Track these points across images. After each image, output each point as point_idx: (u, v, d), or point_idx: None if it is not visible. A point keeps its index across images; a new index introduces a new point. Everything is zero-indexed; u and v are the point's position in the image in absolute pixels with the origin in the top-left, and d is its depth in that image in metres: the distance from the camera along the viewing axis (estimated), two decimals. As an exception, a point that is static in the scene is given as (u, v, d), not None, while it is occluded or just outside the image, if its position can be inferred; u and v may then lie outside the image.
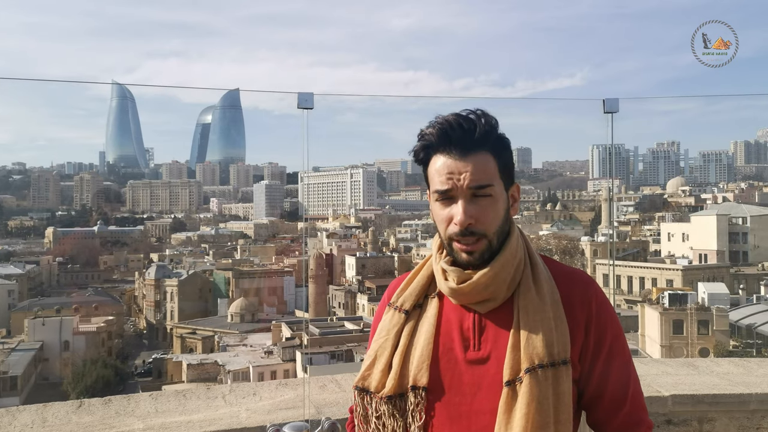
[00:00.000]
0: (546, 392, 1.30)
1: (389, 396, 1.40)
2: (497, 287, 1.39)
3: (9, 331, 64.60)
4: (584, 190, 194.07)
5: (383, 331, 1.50)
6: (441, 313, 1.45)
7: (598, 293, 1.43)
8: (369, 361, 1.47)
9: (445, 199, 1.38)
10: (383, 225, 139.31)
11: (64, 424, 2.79)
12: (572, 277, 1.45)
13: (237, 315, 63.59)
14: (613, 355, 1.40)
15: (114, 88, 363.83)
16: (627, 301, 57.21)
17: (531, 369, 1.30)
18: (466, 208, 1.35)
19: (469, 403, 1.35)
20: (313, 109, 2.52)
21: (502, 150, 1.41)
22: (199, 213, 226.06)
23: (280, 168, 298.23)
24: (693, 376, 3.46)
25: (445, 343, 1.41)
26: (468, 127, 1.37)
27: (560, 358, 1.32)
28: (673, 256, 63.01)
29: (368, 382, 1.45)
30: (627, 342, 1.46)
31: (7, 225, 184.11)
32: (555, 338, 1.34)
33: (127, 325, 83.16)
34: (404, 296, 1.51)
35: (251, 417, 2.87)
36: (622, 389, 1.40)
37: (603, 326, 1.40)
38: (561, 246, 78.12)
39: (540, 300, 1.37)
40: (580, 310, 1.39)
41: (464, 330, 1.41)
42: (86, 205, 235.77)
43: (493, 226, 1.37)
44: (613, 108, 2.78)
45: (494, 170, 1.38)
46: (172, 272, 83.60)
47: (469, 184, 1.35)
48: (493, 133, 1.40)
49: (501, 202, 1.39)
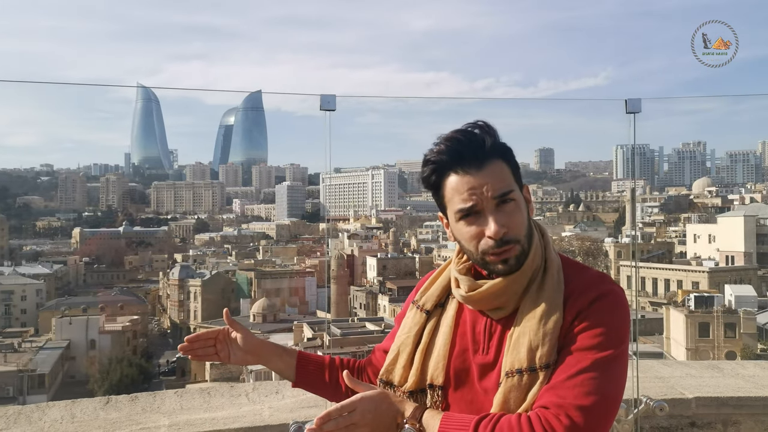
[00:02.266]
0: (518, 395, 1.30)
1: (411, 391, 1.47)
2: (508, 297, 1.40)
3: (37, 329, 65.80)
4: (608, 190, 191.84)
5: (405, 328, 1.57)
6: (459, 315, 1.50)
7: (600, 293, 1.36)
8: (392, 356, 1.55)
9: (470, 216, 1.37)
10: (404, 226, 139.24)
11: (92, 420, 2.85)
12: (586, 277, 1.41)
13: (259, 315, 64.05)
14: (583, 347, 1.29)
15: (139, 90, 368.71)
16: (652, 303, 56.46)
17: (510, 374, 1.32)
18: (497, 218, 1.34)
19: (481, 402, 1.39)
20: (335, 110, 2.55)
21: (510, 155, 1.42)
22: (222, 214, 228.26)
23: (302, 169, 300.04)
24: (717, 379, 3.42)
25: (461, 345, 1.46)
26: (477, 140, 1.37)
27: (542, 362, 1.31)
28: (699, 258, 62.02)
29: (392, 376, 1.52)
30: (611, 351, 1.30)
31: (36, 226, 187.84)
32: (540, 344, 1.32)
33: (152, 324, 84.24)
34: (426, 296, 1.57)
35: (274, 415, 2.91)
36: (563, 375, 1.28)
37: (593, 318, 1.32)
38: (584, 247, 77.38)
39: (536, 306, 1.37)
40: (579, 303, 1.35)
41: (476, 333, 1.44)
42: (112, 206, 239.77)
43: (522, 230, 1.38)
44: (636, 108, 2.76)
45: (510, 176, 1.39)
46: (195, 272, 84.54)
47: (493, 195, 1.35)
48: (499, 141, 1.40)
49: (522, 206, 1.40)
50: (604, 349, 1.28)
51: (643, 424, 2.99)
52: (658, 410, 2.68)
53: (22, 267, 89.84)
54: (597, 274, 1.43)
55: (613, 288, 1.38)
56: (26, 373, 45.69)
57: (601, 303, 1.34)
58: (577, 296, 1.36)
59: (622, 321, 1.34)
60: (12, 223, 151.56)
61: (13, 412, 2.98)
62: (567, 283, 1.40)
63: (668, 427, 3.10)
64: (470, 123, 1.41)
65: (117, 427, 2.77)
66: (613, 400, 1.27)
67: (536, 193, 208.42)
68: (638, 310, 7.08)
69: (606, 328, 1.31)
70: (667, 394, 3.10)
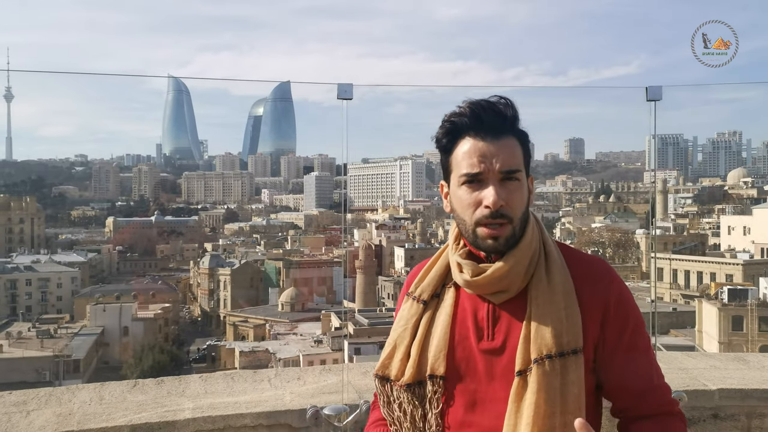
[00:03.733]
0: (553, 382, 1.32)
1: (408, 384, 1.45)
2: (512, 280, 1.40)
3: (72, 316, 67.36)
4: (640, 181, 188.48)
5: (402, 320, 1.54)
6: (457, 303, 1.48)
7: (615, 282, 1.43)
8: (389, 350, 1.53)
9: (473, 182, 1.38)
10: (432, 216, 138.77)
11: (119, 402, 2.94)
12: (590, 266, 1.45)
13: (287, 304, 64.72)
14: (635, 346, 1.41)
15: (170, 81, 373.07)
16: (684, 296, 55.52)
17: (539, 359, 1.33)
18: (498, 191, 1.35)
19: (484, 390, 1.38)
20: (352, 99, 2.57)
21: (525, 140, 1.44)
22: (251, 204, 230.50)
23: (330, 159, 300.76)
24: (743, 371, 3.37)
25: (460, 333, 1.44)
26: (499, 110, 1.39)
27: (570, 348, 1.34)
28: (734, 250, 60.66)
29: (389, 371, 1.50)
30: (646, 332, 1.46)
31: (70, 215, 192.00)
32: (565, 328, 1.35)
33: (183, 312, 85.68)
34: (422, 286, 1.55)
35: (295, 400, 2.96)
36: (645, 378, 1.41)
37: (623, 316, 1.41)
38: (614, 239, 76.35)
39: (552, 290, 1.38)
40: (596, 299, 1.39)
41: (479, 320, 1.43)
42: (144, 195, 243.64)
43: (519, 210, 1.39)
44: (656, 96, 2.73)
45: (521, 157, 1.41)
46: (225, 261, 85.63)
47: (501, 168, 1.36)
48: (518, 121, 1.42)
49: (525, 189, 1.41)
50: (649, 343, 1.45)
51: (664, 415, 2.96)
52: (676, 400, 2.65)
53: (57, 255, 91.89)
54: (597, 259, 1.48)
55: (615, 273, 1.45)
56: (62, 358, 46.90)
57: (624, 294, 1.43)
58: (594, 284, 1.41)
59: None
60: (48, 212, 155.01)
61: (44, 393, 3.09)
62: (570, 267, 1.43)
63: (690, 419, 3.07)
64: (496, 96, 1.42)
65: (143, 409, 2.85)
66: None
67: (566, 183, 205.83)
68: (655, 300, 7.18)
69: (639, 314, 1.44)
70: (689, 386, 3.06)
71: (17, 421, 2.70)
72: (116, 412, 2.81)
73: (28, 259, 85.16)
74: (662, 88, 2.69)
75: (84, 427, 2.65)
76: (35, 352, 46.60)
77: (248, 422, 2.81)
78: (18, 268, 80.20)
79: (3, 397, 3.00)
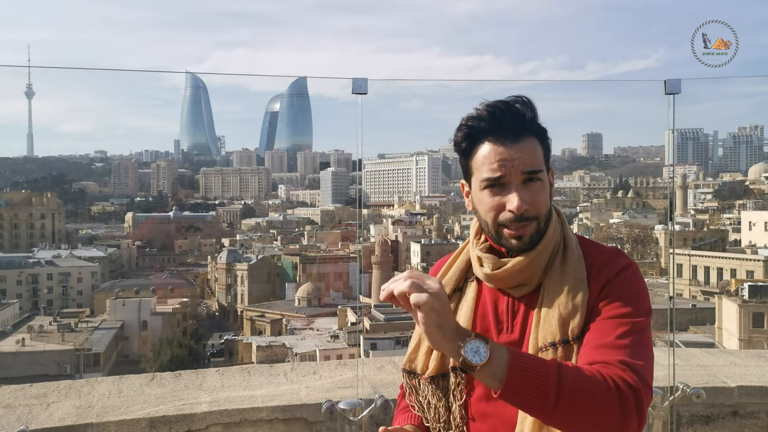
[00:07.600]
0: None
1: (432, 376, 1.46)
2: (532, 273, 1.41)
3: (92, 310, 68.28)
4: (659, 176, 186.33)
5: None
6: (479, 297, 1.50)
7: (622, 261, 1.41)
8: (414, 344, 1.55)
9: (495, 186, 1.39)
10: (448, 212, 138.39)
11: (137, 395, 2.98)
12: (604, 252, 1.45)
13: (304, 299, 64.97)
14: (615, 315, 1.32)
15: (188, 78, 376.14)
16: (704, 292, 54.83)
17: (544, 347, 1.34)
18: (521, 194, 1.36)
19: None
20: (366, 94, 2.56)
21: (545, 137, 1.44)
22: (267, 199, 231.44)
23: (346, 155, 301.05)
24: (763, 368, 3.33)
25: (482, 326, 1.46)
26: (518, 113, 1.39)
27: (574, 335, 1.34)
28: (755, 246, 59.78)
29: (415, 365, 1.52)
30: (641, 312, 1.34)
31: (90, 210, 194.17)
32: (571, 316, 1.35)
33: (201, 307, 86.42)
34: (444, 281, 1.55)
35: (310, 394, 2.98)
36: (606, 337, 1.29)
37: (615, 289, 1.36)
38: (633, 234, 75.63)
39: (563, 280, 1.39)
40: (602, 277, 1.38)
41: (499, 313, 1.46)
42: (163, 191, 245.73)
43: (543, 209, 1.40)
44: (675, 89, 2.70)
45: (541, 156, 1.41)
46: (242, 257, 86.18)
47: (523, 170, 1.37)
48: (537, 119, 1.43)
49: (547, 187, 1.42)
50: (639, 316, 1.33)
51: (682, 413, 2.94)
52: (694, 397, 2.63)
53: (78, 250, 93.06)
54: (612, 248, 1.48)
55: (632, 261, 1.43)
56: (82, 351, 47.59)
57: (626, 274, 1.39)
58: (599, 268, 1.40)
59: (646, 291, 1.39)
60: (68, 207, 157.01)
61: (64, 386, 3.14)
62: (585, 257, 1.44)
63: (709, 416, 3.04)
64: (513, 95, 1.42)
65: (160, 402, 2.88)
66: (653, 364, 1.30)
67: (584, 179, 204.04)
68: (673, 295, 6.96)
69: (636, 297, 1.36)
70: (708, 383, 3.03)
71: (38, 413, 2.75)
72: (134, 405, 2.85)
73: (50, 254, 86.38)
74: (681, 81, 2.67)
75: (103, 420, 2.69)
76: (56, 346, 47.32)
77: (264, 416, 2.83)
78: (39, 262, 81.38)
79: (24, 390, 3.06)
